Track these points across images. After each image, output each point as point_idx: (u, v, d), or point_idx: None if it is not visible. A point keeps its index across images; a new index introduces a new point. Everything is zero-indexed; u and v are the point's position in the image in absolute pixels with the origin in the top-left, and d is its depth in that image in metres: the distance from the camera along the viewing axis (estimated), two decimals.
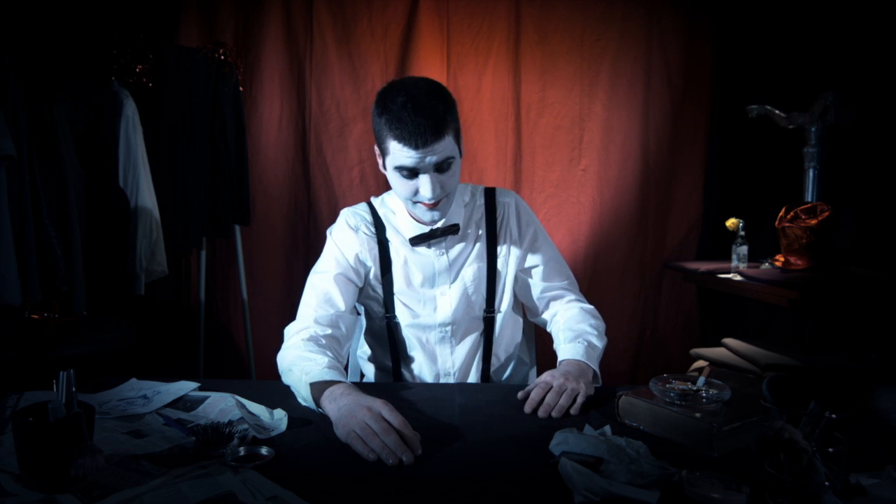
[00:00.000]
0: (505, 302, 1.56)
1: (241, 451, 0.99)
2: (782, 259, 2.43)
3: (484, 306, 1.54)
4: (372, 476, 0.94)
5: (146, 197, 2.51)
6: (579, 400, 1.22)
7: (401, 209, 1.52)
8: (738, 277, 2.44)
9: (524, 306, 1.64)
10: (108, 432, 1.06)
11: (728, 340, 2.45)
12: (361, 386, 1.30)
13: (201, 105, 2.72)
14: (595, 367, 1.38)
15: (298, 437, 1.07)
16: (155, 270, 2.58)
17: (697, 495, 0.84)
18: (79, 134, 2.40)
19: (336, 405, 1.12)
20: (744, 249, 2.55)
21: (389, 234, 1.52)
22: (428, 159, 1.31)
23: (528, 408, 1.21)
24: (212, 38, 2.92)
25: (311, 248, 3.13)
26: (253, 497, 0.85)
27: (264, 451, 0.99)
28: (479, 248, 1.53)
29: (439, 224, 1.48)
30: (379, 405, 1.09)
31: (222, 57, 2.74)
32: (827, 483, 0.77)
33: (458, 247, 1.52)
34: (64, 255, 2.21)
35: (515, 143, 3.13)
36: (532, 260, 1.56)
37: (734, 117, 3.00)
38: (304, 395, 1.21)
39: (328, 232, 1.55)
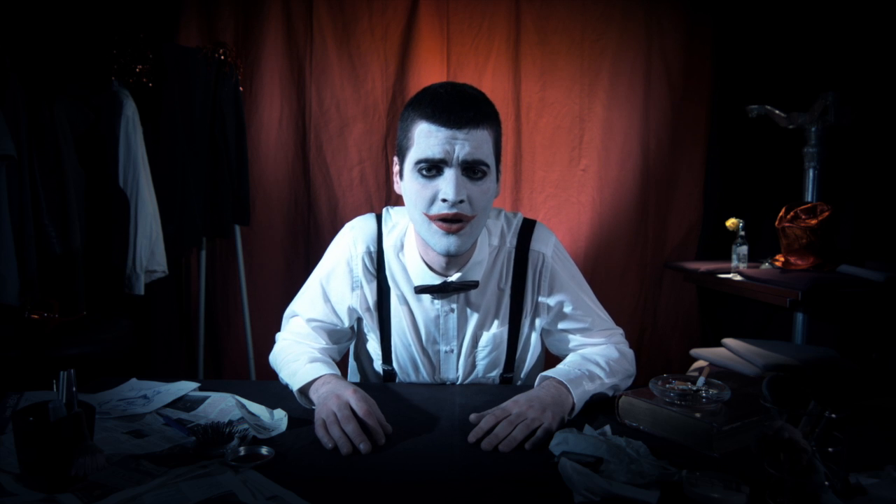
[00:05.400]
0: (526, 364, 1.40)
1: (241, 451, 0.99)
2: (782, 259, 2.43)
3: (501, 370, 1.37)
4: (372, 476, 0.94)
5: (146, 197, 2.50)
6: (538, 433, 1.03)
7: (411, 245, 1.28)
8: (738, 277, 2.44)
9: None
10: (108, 432, 1.06)
11: (728, 340, 2.44)
12: (362, 385, 1.30)
13: (201, 105, 2.72)
14: (575, 396, 1.14)
15: (298, 437, 1.07)
16: (155, 270, 2.58)
17: (697, 495, 0.84)
18: (79, 134, 2.40)
19: (317, 395, 1.15)
20: (744, 249, 2.55)
21: (391, 278, 1.29)
22: (458, 147, 1.09)
23: (472, 437, 1.04)
24: (212, 38, 2.92)
25: (311, 248, 3.13)
26: (253, 497, 0.85)
27: (264, 451, 0.99)
28: (501, 311, 1.31)
29: (454, 277, 1.24)
30: (349, 393, 1.08)
31: (222, 57, 2.74)
32: (827, 483, 0.77)
33: (473, 305, 1.30)
34: (64, 255, 2.21)
35: (515, 143, 3.13)
36: (567, 325, 1.36)
37: (734, 117, 2.99)
38: (298, 400, 1.21)
39: (322, 263, 1.38)
